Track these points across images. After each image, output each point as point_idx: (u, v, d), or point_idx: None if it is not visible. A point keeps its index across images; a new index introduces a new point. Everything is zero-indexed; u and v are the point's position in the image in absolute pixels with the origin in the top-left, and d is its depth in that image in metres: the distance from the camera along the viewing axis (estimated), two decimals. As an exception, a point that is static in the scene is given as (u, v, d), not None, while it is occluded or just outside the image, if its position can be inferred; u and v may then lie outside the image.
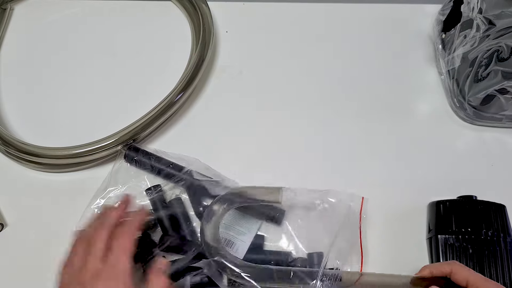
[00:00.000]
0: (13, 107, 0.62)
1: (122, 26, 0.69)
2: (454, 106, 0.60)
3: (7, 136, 0.56)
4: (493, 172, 0.56)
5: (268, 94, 0.62)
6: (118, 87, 0.63)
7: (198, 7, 0.65)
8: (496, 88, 0.53)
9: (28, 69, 0.66)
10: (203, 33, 0.62)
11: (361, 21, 0.69)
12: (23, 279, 0.50)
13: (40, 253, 0.51)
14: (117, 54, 0.66)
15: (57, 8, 0.71)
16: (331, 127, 0.60)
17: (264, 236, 0.51)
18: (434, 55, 0.64)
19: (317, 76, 0.64)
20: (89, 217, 0.50)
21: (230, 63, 0.65)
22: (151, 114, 0.55)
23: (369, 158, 0.57)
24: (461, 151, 0.58)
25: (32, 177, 0.56)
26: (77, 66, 0.65)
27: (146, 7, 0.71)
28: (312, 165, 0.56)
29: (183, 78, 0.58)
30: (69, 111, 0.62)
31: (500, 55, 0.52)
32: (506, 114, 0.57)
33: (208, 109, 0.61)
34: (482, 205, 0.50)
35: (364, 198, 0.50)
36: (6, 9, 0.70)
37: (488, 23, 0.51)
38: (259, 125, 0.60)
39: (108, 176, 0.54)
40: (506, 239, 0.48)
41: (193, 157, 0.54)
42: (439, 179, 0.55)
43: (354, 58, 0.65)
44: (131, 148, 0.54)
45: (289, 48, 0.66)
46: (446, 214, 0.50)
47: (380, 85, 0.63)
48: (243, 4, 0.70)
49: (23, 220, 0.54)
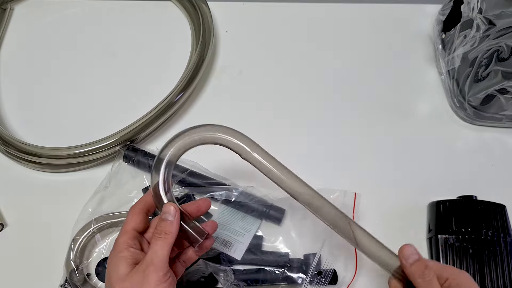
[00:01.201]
0: (13, 107, 0.62)
1: (122, 26, 0.69)
2: (454, 106, 0.60)
3: (7, 136, 0.56)
4: (493, 172, 0.56)
5: (267, 94, 0.62)
6: (118, 87, 0.63)
7: (198, 7, 0.65)
8: (496, 88, 0.53)
9: (28, 69, 0.66)
10: (203, 33, 0.62)
11: (361, 21, 0.69)
12: (23, 279, 0.50)
13: (40, 253, 0.51)
14: (117, 54, 0.66)
15: (57, 8, 0.71)
16: (331, 127, 0.60)
17: (262, 236, 0.51)
18: (434, 55, 0.64)
19: (316, 76, 0.64)
20: (85, 217, 0.50)
21: (230, 63, 0.65)
22: (151, 114, 0.55)
23: (369, 158, 0.57)
24: (461, 151, 0.58)
25: (32, 177, 0.56)
26: (77, 66, 0.65)
27: (146, 7, 0.71)
28: (312, 165, 0.56)
29: (183, 78, 0.58)
30: (69, 111, 0.62)
31: (500, 55, 0.52)
32: (506, 114, 0.56)
33: (208, 109, 0.61)
34: (482, 205, 0.50)
35: (357, 194, 0.50)
36: (6, 9, 0.70)
37: (488, 23, 0.51)
38: (258, 125, 0.60)
39: (107, 176, 0.54)
40: (506, 239, 0.48)
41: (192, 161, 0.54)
42: (439, 179, 0.55)
43: (354, 58, 0.65)
44: (130, 148, 0.54)
45: (289, 48, 0.66)
46: (446, 214, 0.50)
47: (380, 85, 0.63)
48: (243, 4, 0.70)
49: (23, 220, 0.54)
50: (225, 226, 0.50)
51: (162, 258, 0.36)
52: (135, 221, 0.39)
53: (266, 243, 0.51)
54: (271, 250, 0.50)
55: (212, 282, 0.47)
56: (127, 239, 0.38)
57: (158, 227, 0.37)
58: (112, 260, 0.38)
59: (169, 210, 0.38)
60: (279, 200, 0.51)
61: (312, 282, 0.46)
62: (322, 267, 0.48)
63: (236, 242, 0.49)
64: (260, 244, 0.50)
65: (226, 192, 0.51)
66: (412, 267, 0.38)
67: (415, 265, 0.38)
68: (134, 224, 0.39)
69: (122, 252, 0.37)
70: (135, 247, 0.38)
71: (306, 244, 0.50)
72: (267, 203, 0.51)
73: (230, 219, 0.51)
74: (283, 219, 0.51)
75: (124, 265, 0.37)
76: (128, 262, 0.37)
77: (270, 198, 0.51)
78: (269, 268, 0.48)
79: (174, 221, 0.38)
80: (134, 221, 0.39)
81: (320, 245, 0.48)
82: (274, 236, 0.51)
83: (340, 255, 0.48)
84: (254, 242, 0.50)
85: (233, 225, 0.50)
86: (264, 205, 0.51)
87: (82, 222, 0.50)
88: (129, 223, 0.39)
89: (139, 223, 0.40)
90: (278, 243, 0.51)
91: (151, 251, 0.37)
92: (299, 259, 0.49)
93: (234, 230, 0.50)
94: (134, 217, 0.40)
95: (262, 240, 0.51)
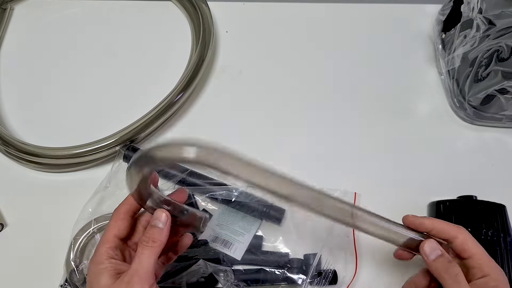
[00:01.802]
0: (13, 107, 0.62)
1: (122, 26, 0.69)
2: (454, 106, 0.60)
3: (7, 136, 0.56)
4: (493, 172, 0.56)
5: (268, 94, 0.62)
6: (118, 87, 0.63)
7: (198, 7, 0.65)
8: (496, 88, 0.53)
9: (28, 69, 0.66)
10: (203, 33, 0.62)
11: (361, 21, 0.69)
12: (23, 279, 0.50)
13: (40, 253, 0.51)
14: (117, 54, 0.66)
15: (57, 8, 0.71)
16: (331, 126, 0.60)
17: (262, 236, 0.51)
18: (434, 55, 0.64)
19: (316, 76, 0.64)
20: (85, 217, 0.50)
21: (230, 63, 0.65)
22: (151, 114, 0.55)
23: (369, 158, 0.57)
24: (461, 151, 0.58)
25: (32, 177, 0.56)
26: (77, 66, 0.65)
27: (146, 7, 0.71)
28: (312, 165, 0.56)
29: (183, 78, 0.58)
30: (69, 111, 0.62)
31: (500, 55, 0.52)
32: (506, 114, 0.56)
33: (208, 109, 0.61)
34: (482, 205, 0.50)
35: (356, 194, 0.50)
36: (6, 9, 0.70)
37: (488, 23, 0.51)
38: (258, 125, 0.60)
39: (107, 176, 0.54)
40: (506, 239, 0.48)
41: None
42: (439, 179, 0.55)
43: (354, 58, 0.65)
44: (130, 148, 0.54)
45: (289, 48, 0.66)
46: (446, 214, 0.50)
47: (380, 85, 0.63)
48: (243, 4, 0.70)
49: (23, 220, 0.54)
50: (225, 226, 0.50)
51: (147, 268, 0.34)
52: (118, 227, 0.37)
53: (266, 243, 0.51)
54: (271, 250, 0.50)
55: (212, 282, 0.47)
56: (108, 249, 0.36)
57: (147, 234, 0.35)
58: (92, 270, 0.36)
59: (160, 216, 0.36)
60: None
61: (312, 282, 0.46)
62: (322, 268, 0.48)
63: (236, 242, 0.49)
64: (260, 244, 0.50)
65: (226, 192, 0.51)
66: (436, 263, 0.37)
67: (439, 260, 0.37)
68: (117, 231, 0.37)
69: (103, 264, 0.35)
70: (117, 257, 0.37)
71: (306, 244, 0.50)
72: (267, 203, 0.51)
73: (230, 219, 0.51)
74: (283, 219, 0.51)
75: (106, 276, 0.35)
76: (110, 274, 0.35)
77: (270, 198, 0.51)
78: (269, 269, 0.48)
79: (165, 229, 0.36)
80: (117, 227, 0.37)
81: (321, 245, 0.48)
82: (274, 236, 0.51)
83: (340, 255, 0.48)
84: (254, 242, 0.50)
85: (233, 225, 0.50)
86: (264, 205, 0.51)
87: (82, 222, 0.50)
88: (111, 230, 0.37)
89: (122, 230, 0.37)
90: (278, 243, 0.51)
91: (137, 260, 0.35)
92: (299, 259, 0.49)
93: (234, 230, 0.50)
94: (118, 223, 0.37)
95: (262, 240, 0.51)
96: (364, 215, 0.38)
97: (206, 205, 0.53)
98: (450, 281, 0.36)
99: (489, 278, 0.36)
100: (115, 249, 0.37)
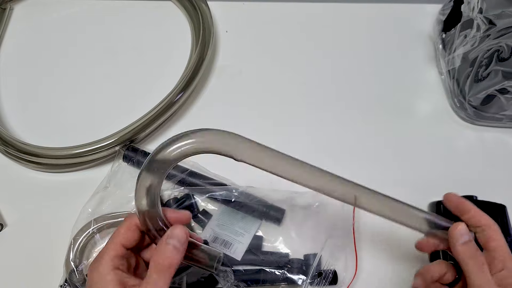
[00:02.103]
0: (13, 107, 0.62)
1: (122, 26, 0.69)
2: (454, 106, 0.60)
3: (7, 136, 0.56)
4: (493, 172, 0.56)
5: (268, 94, 0.62)
6: (118, 87, 0.63)
7: (198, 7, 0.64)
8: (496, 88, 0.53)
9: (28, 69, 0.66)
10: (203, 33, 0.62)
11: (362, 21, 0.69)
12: (23, 279, 0.50)
13: (40, 253, 0.51)
14: (117, 54, 0.66)
15: (57, 8, 0.71)
16: (331, 127, 0.60)
17: (262, 237, 0.51)
18: (434, 55, 0.64)
19: (316, 76, 0.64)
20: (85, 217, 0.50)
21: (230, 63, 0.65)
22: (151, 114, 0.55)
23: (369, 158, 0.57)
24: (462, 151, 0.58)
25: (32, 177, 0.56)
26: (77, 66, 0.65)
27: (146, 7, 0.71)
28: (312, 165, 0.56)
29: (183, 78, 0.58)
30: (69, 111, 0.62)
31: (501, 55, 0.52)
32: (507, 114, 0.56)
33: (208, 109, 0.61)
34: (482, 205, 0.49)
35: None
36: (6, 9, 0.70)
37: (489, 23, 0.51)
38: (259, 125, 0.60)
39: (107, 176, 0.54)
40: (506, 239, 0.47)
41: (192, 161, 0.54)
42: (439, 179, 0.55)
43: (354, 58, 0.65)
44: (129, 148, 0.54)
45: (289, 48, 0.66)
46: (446, 214, 0.50)
47: (380, 85, 0.63)
48: (243, 4, 0.70)
49: (23, 220, 0.54)
50: (225, 226, 0.50)
51: None
52: (127, 237, 0.35)
53: (266, 243, 0.51)
54: (271, 251, 0.50)
55: (212, 283, 0.47)
56: (114, 258, 0.34)
57: (161, 254, 0.32)
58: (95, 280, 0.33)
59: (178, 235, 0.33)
60: (279, 200, 0.51)
61: (313, 283, 0.46)
62: (323, 268, 0.48)
63: (236, 242, 0.49)
64: (260, 245, 0.50)
65: (226, 192, 0.51)
66: (464, 248, 0.36)
67: (467, 245, 0.36)
68: (125, 241, 0.35)
69: (108, 275, 0.33)
70: (122, 267, 0.34)
71: (307, 245, 0.50)
72: (267, 203, 0.51)
73: (230, 219, 0.51)
74: (283, 219, 0.51)
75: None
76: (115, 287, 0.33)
77: (270, 198, 0.51)
78: (269, 269, 0.48)
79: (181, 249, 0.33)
80: (126, 237, 0.35)
81: (321, 246, 0.48)
82: (274, 237, 0.51)
83: (341, 255, 0.48)
84: (254, 242, 0.50)
85: (233, 225, 0.50)
86: (264, 205, 0.51)
87: (82, 222, 0.50)
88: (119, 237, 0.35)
89: (132, 240, 0.35)
90: (278, 243, 0.51)
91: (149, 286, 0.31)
92: (300, 260, 0.49)
93: (234, 231, 0.50)
94: (128, 234, 0.35)
95: (262, 241, 0.51)
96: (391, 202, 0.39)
97: (206, 205, 0.53)
98: (475, 268, 0.35)
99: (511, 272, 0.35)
100: (121, 258, 0.34)
